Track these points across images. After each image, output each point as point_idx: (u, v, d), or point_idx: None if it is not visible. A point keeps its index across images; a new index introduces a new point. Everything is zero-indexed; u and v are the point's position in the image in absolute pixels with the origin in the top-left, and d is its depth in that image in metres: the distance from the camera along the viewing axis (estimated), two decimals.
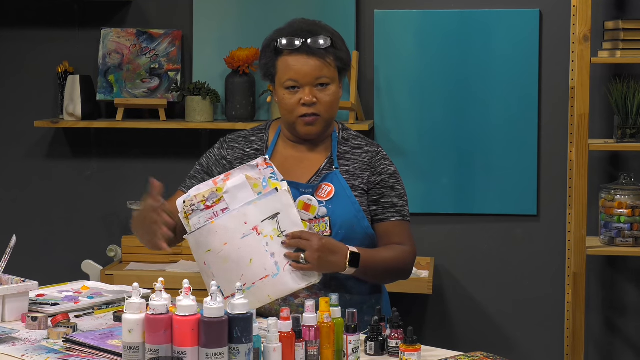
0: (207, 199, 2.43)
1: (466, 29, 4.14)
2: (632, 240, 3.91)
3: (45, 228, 4.47)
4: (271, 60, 2.61)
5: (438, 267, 4.25)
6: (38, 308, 2.58)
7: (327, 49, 2.57)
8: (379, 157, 2.66)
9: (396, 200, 2.63)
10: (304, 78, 2.56)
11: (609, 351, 4.23)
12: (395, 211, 2.63)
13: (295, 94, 2.57)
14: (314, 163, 2.65)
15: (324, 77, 2.57)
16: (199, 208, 2.44)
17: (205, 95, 4.14)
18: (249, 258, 2.40)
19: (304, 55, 2.56)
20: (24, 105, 4.43)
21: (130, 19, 4.36)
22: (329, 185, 2.58)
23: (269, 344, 2.07)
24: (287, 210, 2.41)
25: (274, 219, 2.39)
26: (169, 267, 4.06)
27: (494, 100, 4.15)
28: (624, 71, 4.06)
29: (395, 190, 2.64)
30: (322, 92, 2.57)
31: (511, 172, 4.16)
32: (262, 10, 4.23)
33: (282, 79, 2.58)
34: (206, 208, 2.43)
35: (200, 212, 2.43)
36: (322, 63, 2.56)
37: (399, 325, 2.25)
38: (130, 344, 2.05)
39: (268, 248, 2.39)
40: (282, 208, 2.41)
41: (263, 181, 2.42)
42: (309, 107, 2.57)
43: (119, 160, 4.41)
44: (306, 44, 2.56)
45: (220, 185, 2.44)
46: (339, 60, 2.60)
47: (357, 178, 2.62)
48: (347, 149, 2.66)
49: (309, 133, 2.61)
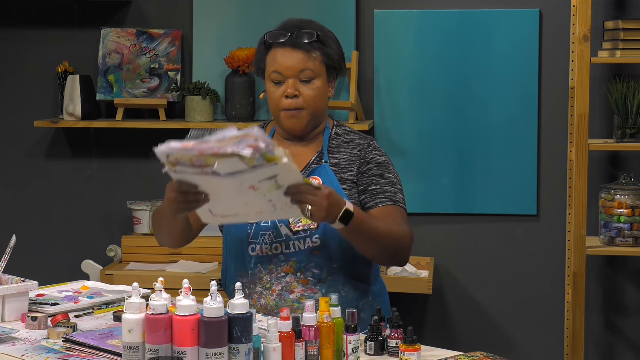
0: (194, 161, 2.11)
1: (466, 29, 4.14)
2: (632, 240, 3.91)
3: (45, 228, 4.47)
4: (262, 56, 2.64)
5: (438, 267, 4.25)
6: (38, 308, 2.58)
7: (313, 43, 2.58)
8: (370, 148, 2.65)
9: (386, 187, 2.58)
10: (288, 70, 2.57)
11: (609, 351, 4.23)
12: (384, 197, 2.57)
13: (280, 88, 2.59)
14: (304, 158, 2.65)
15: (308, 70, 2.57)
16: (185, 164, 2.14)
17: (205, 95, 4.14)
18: (244, 202, 2.20)
19: (289, 49, 2.58)
20: (24, 105, 4.43)
21: (130, 19, 4.36)
22: (317, 179, 2.57)
23: (269, 344, 2.07)
24: (287, 173, 2.16)
25: (272, 179, 2.16)
26: (169, 267, 4.06)
27: (494, 100, 4.15)
28: (624, 71, 4.06)
29: (385, 178, 2.60)
30: (306, 86, 2.58)
31: (511, 172, 4.17)
32: (262, 10, 4.24)
33: (269, 72, 2.60)
34: (193, 166, 2.12)
35: (187, 167, 2.14)
36: (307, 57, 2.58)
37: (399, 325, 2.25)
38: (130, 344, 2.05)
39: (265, 198, 2.20)
40: (281, 172, 2.16)
41: (259, 159, 2.09)
42: (292, 100, 2.57)
43: (119, 160, 4.41)
44: (292, 38, 2.58)
45: (209, 158, 2.09)
46: (326, 57, 2.60)
47: (346, 171, 2.61)
48: (339, 143, 2.67)
49: (293, 127, 2.60)
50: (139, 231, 4.24)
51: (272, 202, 2.21)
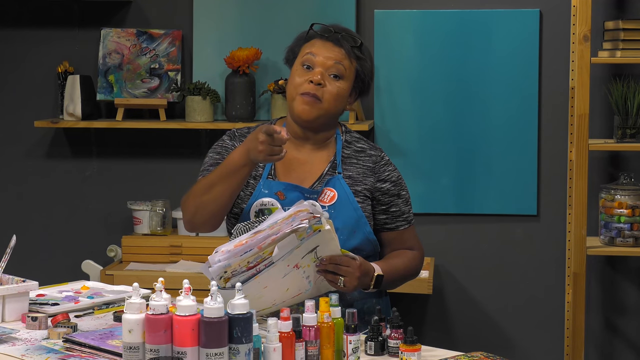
0: (250, 262, 2.28)
1: (466, 29, 4.14)
2: (632, 240, 3.91)
3: (45, 228, 4.47)
4: (300, 42, 2.65)
5: (438, 267, 4.25)
6: (38, 308, 2.58)
7: (354, 48, 2.61)
8: (382, 162, 2.67)
9: (403, 208, 2.68)
10: (323, 58, 2.58)
11: (609, 351, 4.23)
12: (403, 219, 2.67)
13: (307, 73, 2.58)
14: (317, 167, 2.65)
15: (341, 65, 2.59)
16: (240, 272, 2.30)
17: (205, 95, 4.14)
18: (286, 288, 2.37)
19: (330, 43, 2.60)
20: (24, 105, 4.43)
21: (130, 19, 4.36)
22: (332, 190, 2.59)
23: (269, 344, 2.07)
24: (327, 243, 2.36)
25: (313, 251, 2.35)
26: (169, 267, 4.06)
27: (494, 100, 4.15)
28: (624, 71, 4.06)
29: (401, 197, 2.67)
30: (332, 81, 2.59)
31: (511, 172, 4.17)
32: (262, 10, 4.24)
33: (303, 53, 2.61)
34: (248, 269, 2.29)
35: (241, 274, 2.30)
36: (345, 55, 2.60)
37: (399, 325, 2.25)
38: (130, 344, 2.05)
39: (304, 275, 2.38)
40: (322, 242, 2.36)
41: (308, 230, 2.30)
42: (314, 86, 2.57)
43: (119, 160, 4.41)
44: (336, 35, 2.61)
45: (267, 248, 2.27)
46: (360, 66, 2.63)
47: (360, 183, 2.63)
48: (351, 152, 2.67)
49: (303, 113, 2.58)
50: (139, 231, 4.24)
51: (309, 278, 2.38)
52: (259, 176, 2.62)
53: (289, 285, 2.36)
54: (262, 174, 2.62)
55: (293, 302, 2.42)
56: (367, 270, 2.48)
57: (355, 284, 2.43)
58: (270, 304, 2.39)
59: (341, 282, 2.40)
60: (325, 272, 2.39)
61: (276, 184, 2.59)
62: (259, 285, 2.32)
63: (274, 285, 2.34)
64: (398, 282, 2.67)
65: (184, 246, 4.10)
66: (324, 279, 2.40)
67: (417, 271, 2.72)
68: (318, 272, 2.39)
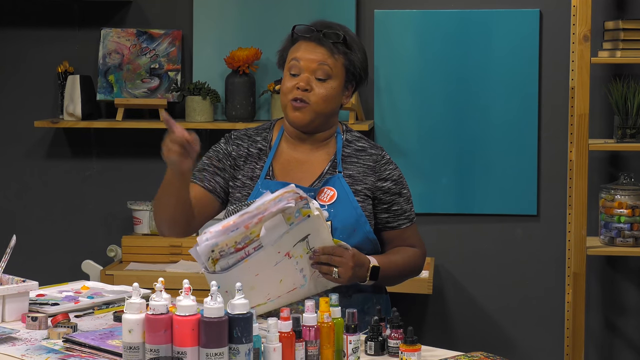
0: (238, 242, 2.31)
1: (466, 29, 4.14)
2: (632, 240, 3.91)
3: (45, 228, 4.47)
4: (286, 46, 2.66)
5: (438, 267, 4.25)
6: (38, 308, 2.58)
7: (338, 44, 2.59)
8: (383, 161, 2.66)
9: (405, 206, 2.67)
10: (306, 62, 2.58)
11: (609, 351, 4.23)
12: (405, 217, 2.67)
13: (294, 79, 2.59)
14: (317, 166, 2.65)
15: (326, 65, 2.58)
16: (229, 252, 2.32)
17: (205, 95, 4.14)
18: (280, 279, 2.38)
19: (313, 44, 2.59)
20: (24, 105, 4.43)
21: (130, 19, 4.36)
22: (332, 189, 2.59)
23: (269, 344, 2.07)
24: (318, 231, 2.38)
25: (304, 240, 2.36)
26: (169, 267, 4.06)
27: (494, 100, 4.15)
28: (624, 71, 4.06)
29: (403, 195, 2.67)
30: (320, 84, 2.58)
31: (511, 172, 4.17)
32: (262, 10, 4.24)
33: (289, 60, 2.62)
34: (237, 250, 2.32)
35: (230, 255, 2.33)
36: (329, 54, 2.58)
37: (399, 325, 2.25)
38: (130, 344, 2.05)
39: (298, 266, 2.39)
40: (313, 230, 2.37)
41: (296, 213, 2.33)
42: (301, 92, 2.57)
43: (119, 160, 4.41)
44: (318, 34, 2.60)
45: (254, 228, 2.31)
46: (348, 61, 2.61)
47: (360, 183, 2.63)
48: (351, 151, 2.66)
49: (296, 120, 2.59)
50: (139, 231, 4.24)
51: (303, 271, 2.38)
52: (256, 177, 2.62)
53: (282, 276, 2.37)
54: (260, 175, 2.62)
55: (289, 298, 2.41)
56: (361, 261, 2.47)
57: (349, 275, 2.42)
58: (264, 299, 2.38)
59: (335, 273, 2.40)
60: (319, 264, 2.40)
61: (274, 184, 2.59)
62: (250, 272, 2.33)
63: (266, 274, 2.34)
64: (397, 278, 2.66)
65: (184, 246, 4.09)
66: (320, 275, 2.41)
67: (418, 268, 2.70)
68: (312, 265, 2.39)
